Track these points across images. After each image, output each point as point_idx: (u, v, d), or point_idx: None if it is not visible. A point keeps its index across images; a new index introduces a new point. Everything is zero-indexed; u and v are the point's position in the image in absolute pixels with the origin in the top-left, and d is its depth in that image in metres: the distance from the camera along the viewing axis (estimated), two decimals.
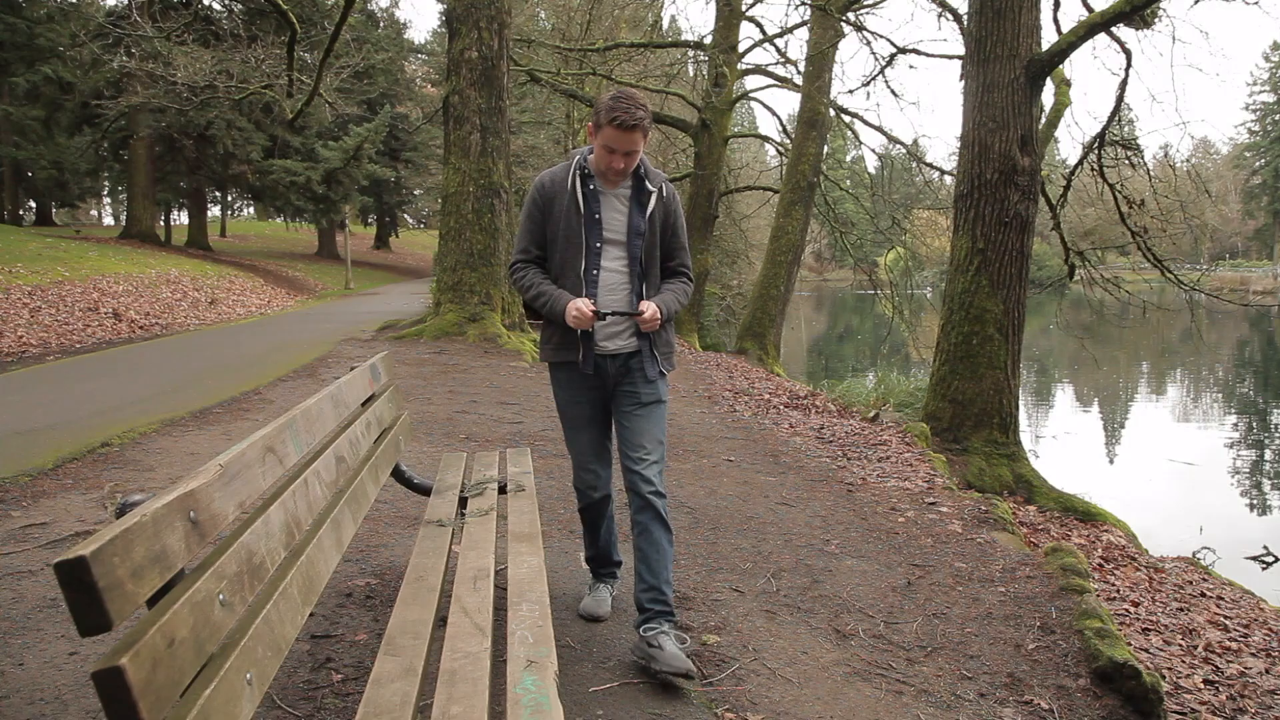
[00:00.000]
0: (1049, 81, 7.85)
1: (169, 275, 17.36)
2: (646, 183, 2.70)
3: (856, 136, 19.17)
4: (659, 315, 2.61)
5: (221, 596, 1.29)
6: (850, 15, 14.97)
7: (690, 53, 19.37)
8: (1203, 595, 4.87)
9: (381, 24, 35.37)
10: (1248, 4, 8.63)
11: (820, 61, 15.14)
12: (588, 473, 2.82)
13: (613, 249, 2.67)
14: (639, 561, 2.64)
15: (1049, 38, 7.46)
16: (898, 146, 19.01)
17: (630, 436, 2.70)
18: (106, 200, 48.20)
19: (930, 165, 21.02)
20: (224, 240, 34.75)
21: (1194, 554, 6.30)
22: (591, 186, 2.65)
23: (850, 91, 29.72)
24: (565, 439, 2.88)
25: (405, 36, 38.11)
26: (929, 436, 6.91)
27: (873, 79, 15.25)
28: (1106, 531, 6.19)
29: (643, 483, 2.65)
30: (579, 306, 2.57)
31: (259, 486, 1.63)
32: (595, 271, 2.65)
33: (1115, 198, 10.07)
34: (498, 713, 1.86)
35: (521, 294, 2.72)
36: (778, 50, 18.89)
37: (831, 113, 16.30)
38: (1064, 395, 17.46)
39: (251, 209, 58.81)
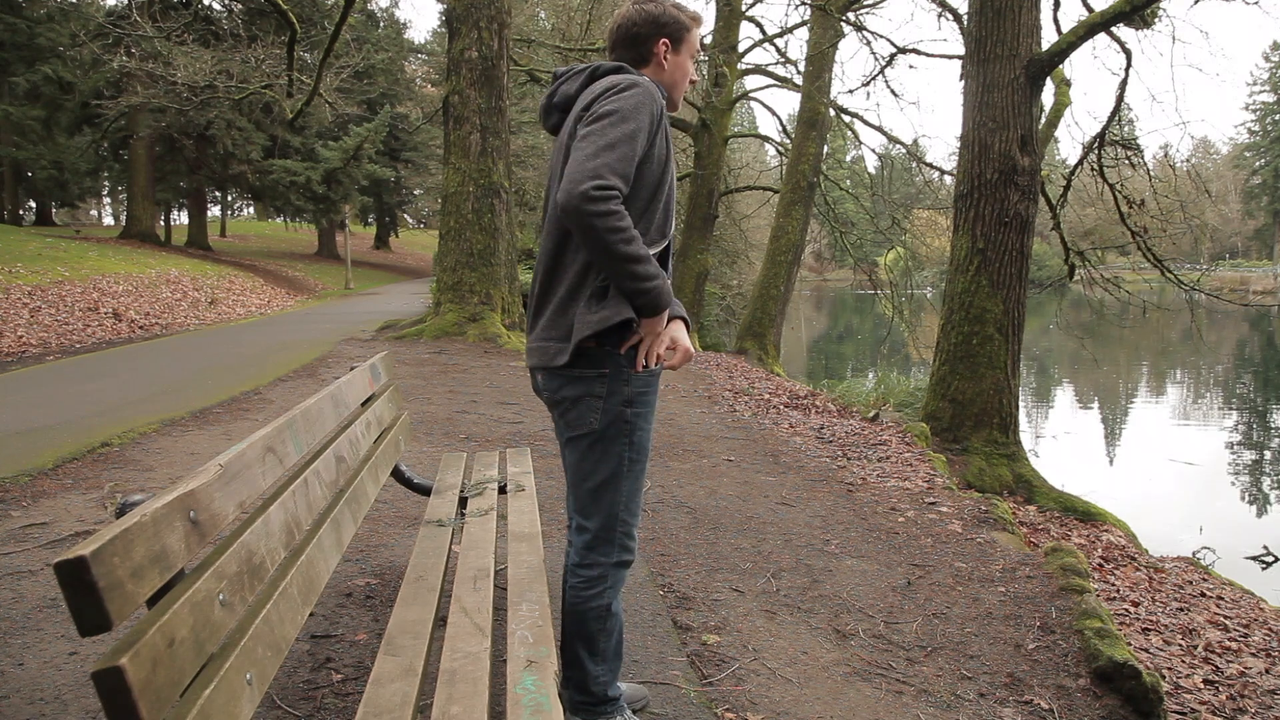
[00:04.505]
0: (1049, 81, 7.85)
1: (169, 275, 17.36)
2: None
3: (856, 136, 19.18)
4: None
5: (221, 596, 1.29)
6: (850, 15, 14.98)
7: None
8: (1203, 595, 4.87)
9: (381, 24, 35.41)
10: (1248, 4, 8.64)
11: (820, 61, 15.14)
12: (636, 532, 2.07)
13: None
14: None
15: (1049, 38, 7.47)
16: (898, 146, 19.02)
17: None
18: (106, 200, 48.24)
19: (930, 165, 21.04)
20: (224, 240, 34.77)
21: (1194, 554, 6.30)
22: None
23: (850, 91, 29.70)
24: (632, 491, 1.98)
25: (405, 36, 38.14)
26: (929, 436, 6.90)
27: (873, 79, 15.28)
28: (1106, 531, 6.19)
29: None
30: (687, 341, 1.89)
31: (259, 486, 1.63)
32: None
33: (1115, 198, 10.08)
34: (498, 713, 1.86)
35: (616, 243, 1.71)
36: (778, 50, 18.91)
37: (831, 113, 16.30)
38: (1064, 395, 17.46)
39: (251, 209, 58.84)
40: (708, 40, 16.84)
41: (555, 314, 1.91)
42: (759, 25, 19.68)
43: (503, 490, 3.02)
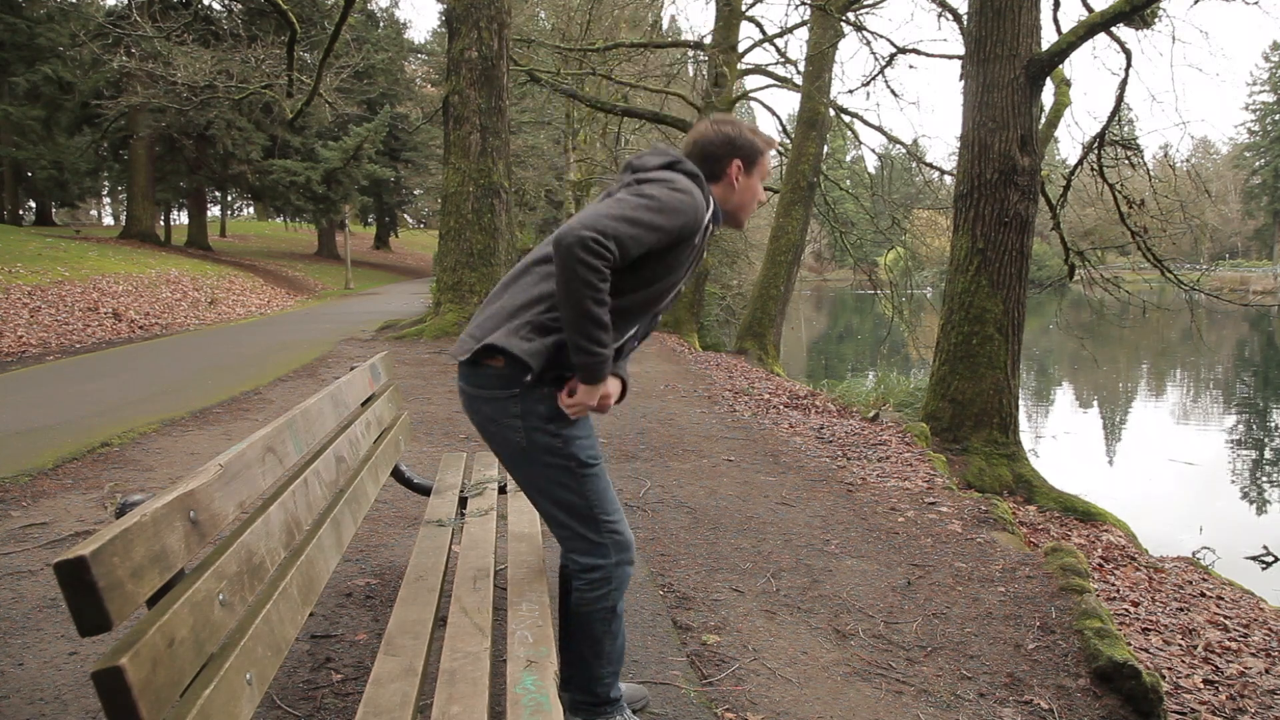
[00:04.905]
0: (1049, 81, 7.85)
1: (169, 275, 17.36)
2: None
3: (856, 136, 19.19)
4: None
5: (221, 596, 1.29)
6: (850, 15, 14.97)
7: (690, 53, 19.40)
8: (1203, 595, 4.87)
9: (381, 24, 35.41)
10: (1248, 4, 8.64)
11: (820, 61, 15.14)
12: (626, 527, 2.05)
13: None
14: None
15: (1049, 38, 7.47)
16: (898, 146, 19.03)
17: None
18: (106, 200, 48.25)
19: (930, 165, 21.08)
20: (224, 240, 34.76)
21: (1194, 554, 6.30)
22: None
23: (850, 91, 29.80)
24: (597, 494, 1.96)
25: (405, 36, 38.15)
26: (929, 436, 6.90)
27: (873, 79, 15.29)
28: (1106, 531, 6.19)
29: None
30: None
31: (259, 486, 1.63)
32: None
33: (1115, 198, 10.07)
34: (498, 713, 1.86)
35: (586, 296, 1.74)
36: (778, 50, 18.94)
37: (831, 113, 16.29)
38: (1064, 395, 17.46)
39: (251, 209, 58.82)
40: (707, 40, 16.85)
41: (494, 316, 1.91)
42: (759, 25, 19.74)
43: (503, 490, 3.02)
